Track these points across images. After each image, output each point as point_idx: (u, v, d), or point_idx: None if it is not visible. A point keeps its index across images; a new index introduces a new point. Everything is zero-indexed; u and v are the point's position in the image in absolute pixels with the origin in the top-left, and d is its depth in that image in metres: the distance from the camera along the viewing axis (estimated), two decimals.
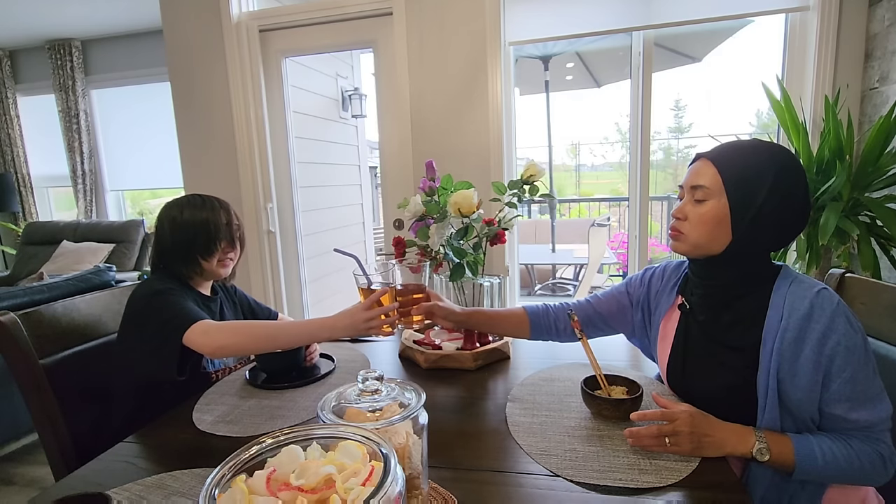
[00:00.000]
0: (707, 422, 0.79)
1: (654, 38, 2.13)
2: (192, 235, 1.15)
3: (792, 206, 0.82)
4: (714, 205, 0.84)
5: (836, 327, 0.76)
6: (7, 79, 4.22)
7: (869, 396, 0.76)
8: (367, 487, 0.43)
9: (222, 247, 1.19)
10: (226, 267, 1.22)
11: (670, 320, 1.00)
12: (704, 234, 0.85)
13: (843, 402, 0.76)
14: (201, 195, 1.21)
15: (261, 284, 2.63)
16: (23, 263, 3.75)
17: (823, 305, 0.78)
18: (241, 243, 1.25)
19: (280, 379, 1.14)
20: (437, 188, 1.30)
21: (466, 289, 1.32)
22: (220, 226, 1.17)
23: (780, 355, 0.79)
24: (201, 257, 1.16)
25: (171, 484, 0.77)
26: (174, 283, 1.14)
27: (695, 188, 0.86)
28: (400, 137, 2.34)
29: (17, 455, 2.19)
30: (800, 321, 0.78)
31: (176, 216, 1.16)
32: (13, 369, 1.06)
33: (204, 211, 1.17)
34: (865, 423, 0.76)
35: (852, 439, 0.77)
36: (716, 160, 0.85)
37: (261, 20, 2.43)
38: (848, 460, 0.75)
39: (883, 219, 1.57)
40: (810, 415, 0.79)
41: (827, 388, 0.77)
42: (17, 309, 1.10)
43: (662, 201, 4.57)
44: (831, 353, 0.76)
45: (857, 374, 0.76)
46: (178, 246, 1.15)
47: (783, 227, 0.83)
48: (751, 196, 0.81)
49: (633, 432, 0.80)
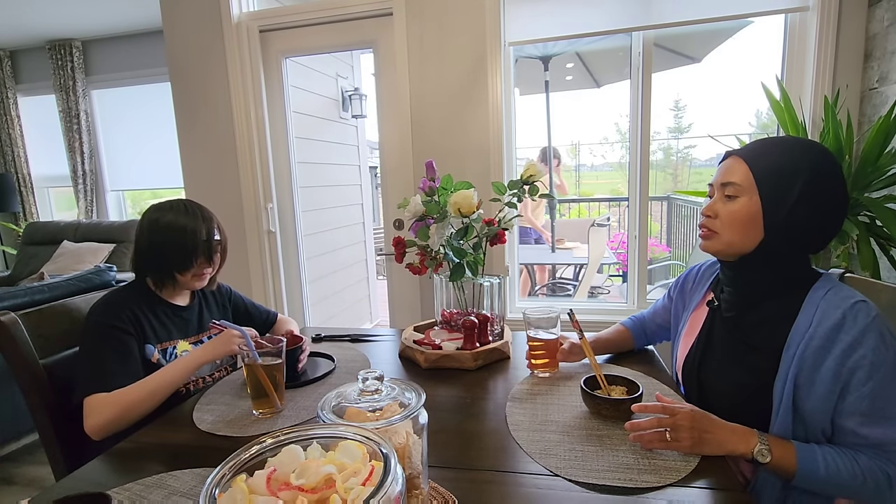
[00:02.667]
0: (708, 419, 0.78)
1: (653, 39, 2.13)
2: (169, 245, 1.12)
3: (827, 203, 0.79)
4: (745, 202, 0.82)
5: (865, 341, 0.74)
6: (7, 79, 4.22)
7: (888, 415, 0.73)
8: (367, 487, 0.43)
9: (198, 262, 1.16)
10: (202, 280, 1.20)
11: (699, 315, 1.00)
12: (737, 231, 0.83)
13: (856, 416, 0.74)
14: (185, 202, 1.18)
15: (261, 284, 2.63)
16: (23, 263, 3.75)
17: (857, 318, 0.75)
18: (221, 256, 1.23)
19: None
20: (437, 188, 1.30)
21: (466, 289, 1.32)
22: (199, 241, 1.14)
23: (802, 361, 0.77)
24: (176, 271, 1.15)
25: (172, 484, 0.77)
26: (133, 307, 1.11)
27: (725, 185, 0.84)
28: (400, 137, 2.34)
29: (17, 455, 2.19)
30: (828, 330, 0.76)
31: (158, 219, 1.14)
32: (13, 369, 1.06)
33: (185, 218, 1.14)
34: (878, 441, 0.73)
35: (860, 455, 0.74)
36: (747, 157, 0.83)
37: (261, 20, 2.43)
38: (852, 475, 0.72)
39: (882, 219, 1.57)
40: (822, 426, 0.77)
41: (843, 399, 0.75)
42: (18, 309, 1.10)
43: (662, 201, 4.57)
44: (854, 366, 0.74)
45: (878, 391, 0.73)
46: (153, 252, 1.13)
47: (818, 226, 0.80)
48: (784, 193, 0.79)
49: (633, 424, 0.80)
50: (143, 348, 1.11)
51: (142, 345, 1.11)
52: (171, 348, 1.17)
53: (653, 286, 3.54)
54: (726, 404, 0.86)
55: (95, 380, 1.01)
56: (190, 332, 1.23)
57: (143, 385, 1.02)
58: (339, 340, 1.46)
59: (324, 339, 1.48)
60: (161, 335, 1.16)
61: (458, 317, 1.32)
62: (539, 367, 1.12)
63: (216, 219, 1.22)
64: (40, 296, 1.87)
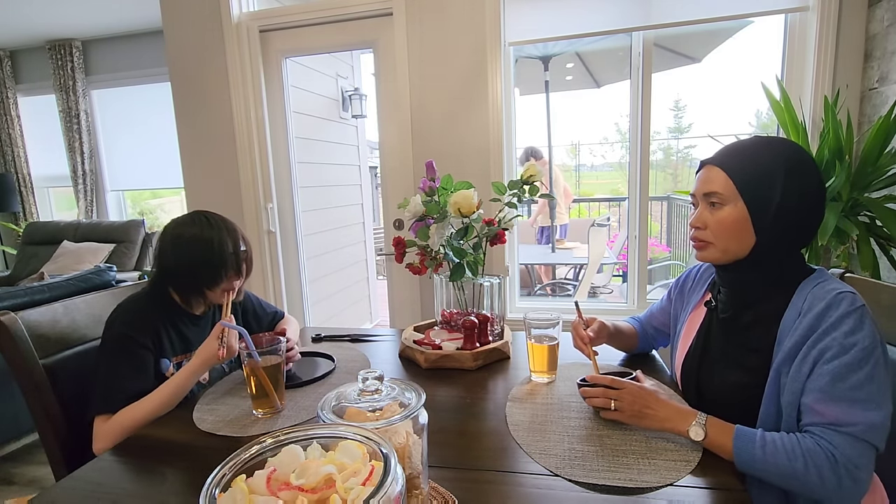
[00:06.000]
0: (653, 397, 0.84)
1: (653, 39, 2.13)
2: (197, 261, 1.09)
3: (809, 195, 0.81)
4: (731, 209, 0.83)
5: (841, 325, 0.74)
6: (8, 79, 4.22)
7: (851, 398, 0.71)
8: (367, 487, 0.43)
9: (228, 276, 1.13)
10: (231, 294, 1.17)
11: (696, 315, 1.01)
12: (730, 238, 0.84)
13: (815, 392, 0.73)
14: (206, 215, 1.15)
15: (261, 284, 2.63)
16: (23, 263, 3.75)
17: (840, 306, 0.75)
18: (248, 267, 1.19)
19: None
20: (437, 188, 1.30)
21: (466, 289, 1.32)
22: (227, 255, 1.11)
23: (787, 353, 0.78)
24: (206, 288, 1.12)
25: (172, 483, 0.77)
26: (154, 320, 1.10)
27: (708, 195, 0.85)
28: (400, 137, 2.34)
29: (17, 455, 2.19)
30: (811, 320, 0.77)
31: (181, 234, 1.11)
32: (13, 369, 1.06)
33: (210, 231, 1.11)
34: (833, 419, 0.71)
35: (805, 438, 0.72)
36: (723, 164, 0.84)
37: (261, 20, 2.43)
38: (791, 456, 0.71)
39: (882, 219, 1.57)
40: (796, 411, 0.77)
41: (809, 376, 0.75)
42: (18, 309, 1.10)
43: (662, 201, 4.57)
44: (825, 347, 0.74)
45: (842, 371, 0.72)
46: (180, 269, 1.11)
47: (804, 219, 0.82)
48: (767, 193, 0.80)
49: (585, 390, 0.91)
50: (158, 363, 1.10)
51: (158, 359, 1.10)
52: (185, 361, 1.15)
53: (653, 286, 3.54)
54: (725, 404, 0.87)
55: (105, 397, 1.01)
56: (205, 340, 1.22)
57: (145, 405, 1.01)
58: (339, 340, 1.46)
59: (324, 339, 1.48)
60: (178, 348, 1.15)
61: (458, 317, 1.33)
62: (537, 372, 1.12)
63: (240, 229, 1.19)
64: (40, 296, 1.86)
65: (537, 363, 1.11)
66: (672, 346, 1.09)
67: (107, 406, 1.00)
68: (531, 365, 1.12)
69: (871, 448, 0.71)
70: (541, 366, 1.10)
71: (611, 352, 1.24)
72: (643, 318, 1.23)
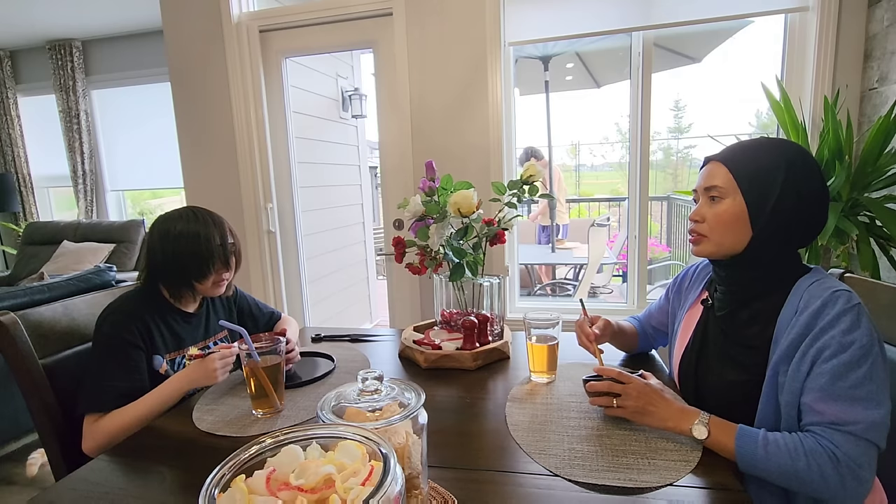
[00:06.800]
0: (658, 395, 0.84)
1: (653, 39, 2.13)
2: (185, 254, 1.11)
3: (808, 196, 0.81)
4: (730, 203, 0.84)
5: (838, 324, 0.74)
6: (8, 79, 4.22)
7: (851, 396, 0.71)
8: (366, 487, 0.43)
9: (216, 268, 1.15)
10: (220, 287, 1.19)
11: (693, 314, 1.01)
12: (726, 232, 0.85)
13: (815, 391, 0.73)
14: (193, 210, 1.17)
15: (261, 284, 2.63)
16: (23, 263, 3.75)
17: (836, 304, 0.75)
18: (237, 260, 1.22)
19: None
20: (437, 188, 1.30)
21: (466, 289, 1.32)
22: (214, 247, 1.13)
23: (784, 352, 0.78)
24: (195, 280, 1.14)
25: (172, 483, 0.77)
26: (145, 317, 1.10)
27: (709, 189, 0.87)
28: (400, 137, 2.34)
29: (17, 455, 2.19)
30: (808, 318, 0.77)
31: (168, 229, 1.12)
32: (13, 369, 1.06)
33: (196, 225, 1.13)
34: (833, 418, 0.71)
35: (807, 438, 0.72)
36: (725, 160, 0.86)
37: (261, 20, 2.44)
38: (793, 456, 0.71)
39: (882, 219, 1.57)
40: (796, 411, 0.77)
41: (808, 376, 0.75)
42: (18, 309, 1.10)
43: (662, 201, 4.57)
44: (823, 346, 0.74)
45: (841, 370, 0.72)
46: (169, 263, 1.12)
47: (803, 219, 0.82)
48: (766, 189, 0.81)
49: (592, 385, 0.90)
50: (151, 360, 1.10)
51: (150, 357, 1.10)
52: (179, 358, 1.16)
53: (652, 286, 3.54)
54: (723, 402, 0.87)
55: (96, 397, 1.02)
56: (198, 338, 1.23)
57: (133, 410, 1.01)
58: (338, 340, 1.46)
59: (323, 339, 1.48)
60: (171, 345, 1.15)
61: (457, 317, 1.32)
62: (537, 372, 1.12)
63: (227, 222, 1.21)
64: (40, 296, 1.86)
65: (537, 363, 1.11)
66: (670, 345, 1.09)
67: (96, 405, 1.01)
68: (531, 365, 1.12)
69: (872, 446, 0.71)
70: (540, 366, 1.10)
71: (611, 352, 1.24)
72: (642, 317, 1.23)
